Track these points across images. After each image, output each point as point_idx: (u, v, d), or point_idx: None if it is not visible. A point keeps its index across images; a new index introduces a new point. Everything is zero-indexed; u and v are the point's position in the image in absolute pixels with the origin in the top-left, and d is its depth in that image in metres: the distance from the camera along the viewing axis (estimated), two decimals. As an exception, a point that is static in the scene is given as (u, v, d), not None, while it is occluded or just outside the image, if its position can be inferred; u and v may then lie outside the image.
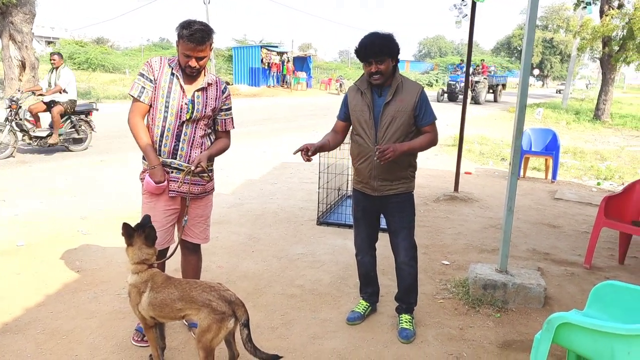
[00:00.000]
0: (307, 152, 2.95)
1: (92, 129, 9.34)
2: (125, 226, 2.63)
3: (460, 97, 25.68)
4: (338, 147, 5.65)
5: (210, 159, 2.98)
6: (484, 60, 32.10)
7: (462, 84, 25.90)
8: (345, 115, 3.18)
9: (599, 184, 8.34)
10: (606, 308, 2.54)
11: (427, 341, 3.17)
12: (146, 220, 2.70)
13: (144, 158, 2.93)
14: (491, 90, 30.87)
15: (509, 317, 3.51)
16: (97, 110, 9.50)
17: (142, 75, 2.82)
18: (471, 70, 26.24)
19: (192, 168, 2.81)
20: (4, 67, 16.50)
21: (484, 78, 27.75)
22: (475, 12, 6.54)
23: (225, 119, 3.04)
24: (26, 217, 5.28)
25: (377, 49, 2.88)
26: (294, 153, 3.03)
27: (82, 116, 9.16)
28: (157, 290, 2.55)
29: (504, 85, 33.00)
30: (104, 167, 8.02)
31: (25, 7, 16.03)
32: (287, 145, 11.01)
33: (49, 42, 50.32)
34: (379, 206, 3.21)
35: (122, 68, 34.13)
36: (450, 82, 27.71)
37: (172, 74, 2.82)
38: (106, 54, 36.77)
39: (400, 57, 3.08)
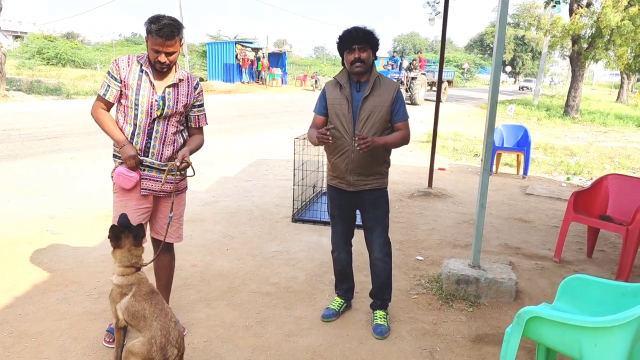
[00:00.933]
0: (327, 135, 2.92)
1: None
2: (113, 229, 2.56)
3: None
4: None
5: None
6: (420, 52, 27.87)
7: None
8: (324, 109, 3.18)
9: (568, 179, 8.54)
10: (574, 301, 2.60)
11: (402, 336, 3.19)
12: (124, 219, 2.62)
13: (114, 156, 2.87)
14: (433, 88, 26.71)
15: (481, 312, 3.56)
16: None
17: (109, 73, 2.80)
18: (406, 64, 24.41)
19: (177, 164, 2.75)
20: (-31, 62, 15.99)
21: (422, 74, 24.11)
22: (449, 9, 6.60)
23: (198, 115, 3.00)
24: (-8, 217, 5.13)
25: (362, 36, 2.96)
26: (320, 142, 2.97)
27: None
28: (137, 300, 2.49)
29: (450, 82, 28.92)
30: (75, 164, 7.85)
31: (-9, 0, 15.55)
32: (262, 142, 10.96)
33: (16, 37, 48.91)
34: (354, 202, 3.22)
35: (93, 63, 33.41)
36: None
37: (142, 70, 2.77)
38: (76, 49, 35.95)
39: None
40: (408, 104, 21.74)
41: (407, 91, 22.89)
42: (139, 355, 2.33)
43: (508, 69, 58.01)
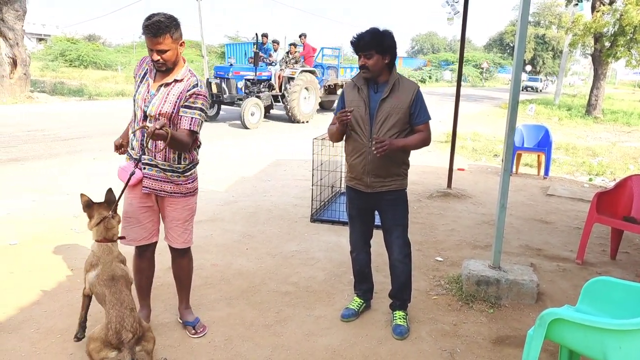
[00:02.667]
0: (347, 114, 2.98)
1: None
2: (84, 197, 2.82)
3: (236, 103, 13.49)
4: (332, 144, 5.67)
5: (175, 148, 2.77)
6: (304, 35, 15.57)
7: (240, 82, 13.78)
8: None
9: (590, 180, 8.41)
10: (598, 303, 2.57)
11: (421, 337, 3.19)
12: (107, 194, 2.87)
13: (127, 152, 2.96)
14: (331, 96, 16.83)
15: (502, 313, 3.53)
16: None
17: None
18: (281, 55, 14.92)
19: (157, 126, 2.45)
20: (-5, 65, 16.34)
21: (306, 71, 14.51)
22: (468, 8, 6.55)
23: (182, 116, 2.75)
24: (19, 216, 5.25)
25: (364, 44, 2.95)
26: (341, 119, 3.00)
27: None
28: (99, 284, 2.63)
29: None
30: (97, 164, 7.98)
31: (16, 4, 15.90)
32: (280, 142, 11.00)
33: (40, 39, 49.85)
34: (373, 203, 3.23)
35: (114, 65, 33.87)
36: (214, 80, 13.67)
37: (146, 70, 2.86)
38: (98, 51, 36.47)
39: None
40: (286, 120, 14.70)
41: (281, 100, 14.34)
42: (98, 340, 2.49)
43: (528, 68, 57.15)
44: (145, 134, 2.58)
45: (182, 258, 3.13)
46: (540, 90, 44.71)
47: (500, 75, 61.54)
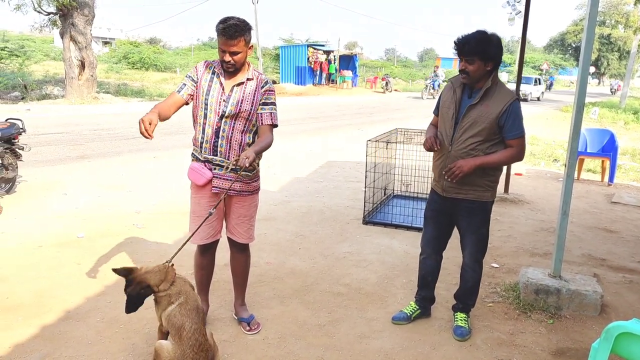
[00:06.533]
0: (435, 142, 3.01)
1: (19, 158, 6.05)
2: (116, 271, 2.59)
3: None
4: (385, 147, 5.64)
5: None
6: None
7: None
8: (437, 109, 3.22)
9: (660, 187, 7.94)
10: (669, 318, 2.42)
11: (476, 345, 3.12)
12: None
13: (192, 154, 3.02)
14: None
15: (562, 324, 3.40)
16: (24, 132, 6.11)
17: (188, 76, 2.95)
18: None
19: (246, 164, 2.66)
20: (65, 67, 17.33)
21: None
22: (530, 8, 6.35)
23: (261, 113, 2.94)
24: (86, 210, 5.54)
25: (467, 49, 2.85)
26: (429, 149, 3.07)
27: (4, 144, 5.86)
28: (181, 310, 2.54)
29: None
30: (157, 162, 8.30)
31: (86, 9, 16.77)
32: (333, 144, 11.04)
33: (105, 43, 52.31)
34: (449, 208, 3.15)
35: (173, 67, 35.07)
36: None
37: (214, 72, 2.92)
38: (158, 54, 37.88)
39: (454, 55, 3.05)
40: None
41: None
42: None
43: (591, 69, 54.58)
44: (239, 166, 2.72)
45: (241, 254, 3.22)
46: (539, 99, 30.45)
47: (561, 77, 59.09)
